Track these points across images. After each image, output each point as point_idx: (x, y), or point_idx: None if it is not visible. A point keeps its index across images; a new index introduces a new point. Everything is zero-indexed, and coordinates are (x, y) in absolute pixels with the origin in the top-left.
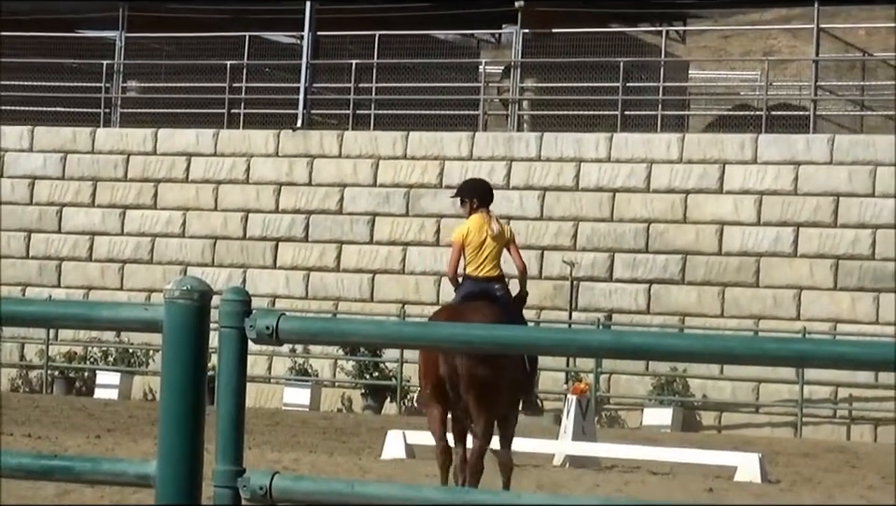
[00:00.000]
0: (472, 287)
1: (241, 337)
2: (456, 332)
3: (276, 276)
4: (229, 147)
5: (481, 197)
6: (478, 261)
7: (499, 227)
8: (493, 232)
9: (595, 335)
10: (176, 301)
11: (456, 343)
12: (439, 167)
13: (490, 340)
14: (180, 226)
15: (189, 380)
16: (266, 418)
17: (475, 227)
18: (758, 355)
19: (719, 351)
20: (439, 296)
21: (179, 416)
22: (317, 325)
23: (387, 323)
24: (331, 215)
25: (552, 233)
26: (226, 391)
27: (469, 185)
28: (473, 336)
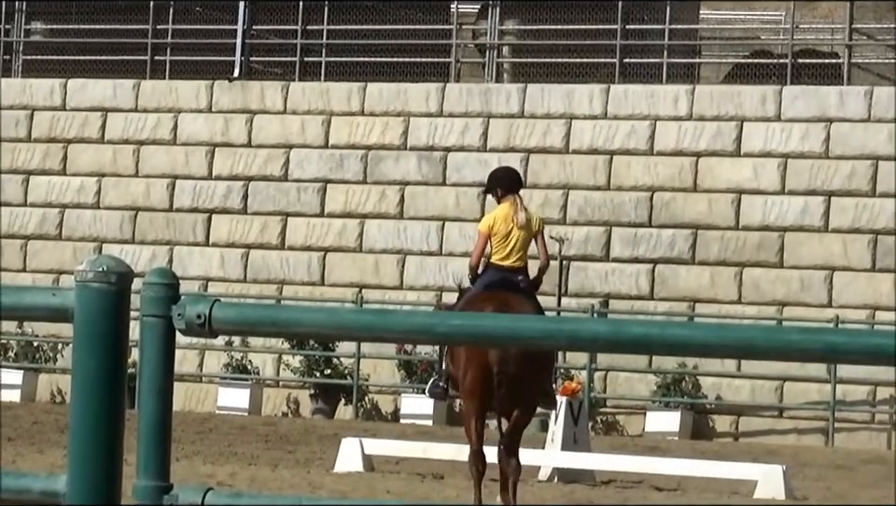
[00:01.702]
0: (494, 275)
1: (167, 328)
2: (417, 322)
3: (209, 255)
4: (152, 101)
5: (506, 185)
6: (504, 251)
7: (526, 216)
8: (520, 222)
9: (589, 325)
10: (90, 284)
11: (417, 334)
12: (402, 125)
13: (460, 331)
14: (94, 195)
15: (106, 379)
16: (197, 424)
17: (502, 216)
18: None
19: (735, 344)
20: (402, 278)
21: (93, 422)
22: (258, 313)
23: (341, 311)
24: (275, 182)
25: (536, 203)
26: (149, 392)
27: (493, 175)
28: (438, 326)
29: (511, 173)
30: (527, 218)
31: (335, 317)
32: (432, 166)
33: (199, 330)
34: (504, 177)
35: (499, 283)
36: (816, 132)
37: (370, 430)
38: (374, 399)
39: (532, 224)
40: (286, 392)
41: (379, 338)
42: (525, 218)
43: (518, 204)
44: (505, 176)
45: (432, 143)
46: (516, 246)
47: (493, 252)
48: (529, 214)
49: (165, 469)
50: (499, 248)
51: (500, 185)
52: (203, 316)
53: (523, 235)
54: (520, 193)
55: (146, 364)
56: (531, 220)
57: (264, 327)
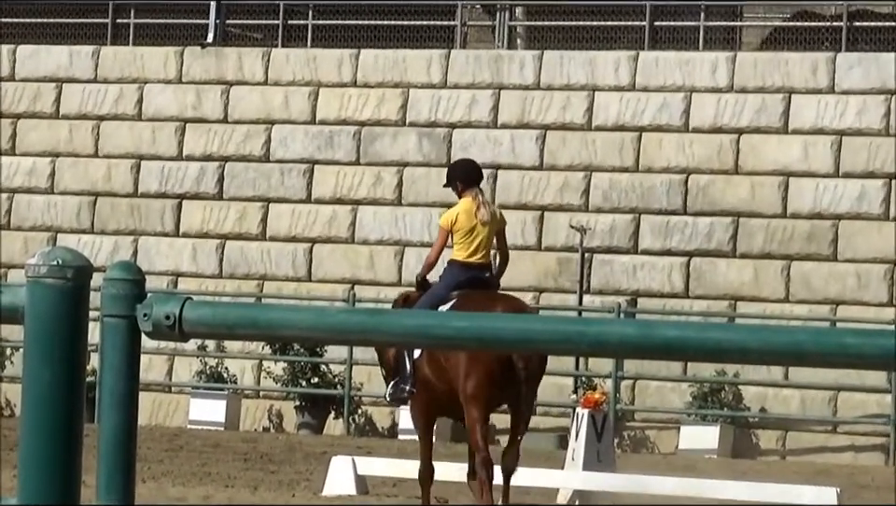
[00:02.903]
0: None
1: (131, 330)
2: (416, 324)
3: (179, 247)
4: (114, 70)
5: (467, 179)
6: (469, 248)
7: (489, 212)
8: (483, 219)
9: (614, 327)
10: (42, 280)
11: (417, 337)
12: (401, 98)
13: (465, 333)
14: (47, 178)
15: (61, 388)
16: (167, 440)
17: (464, 211)
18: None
19: (782, 348)
20: (400, 272)
21: (47, 438)
22: (236, 313)
23: (330, 310)
24: (254, 163)
25: (555, 188)
26: (110, 403)
27: (453, 168)
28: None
29: (471, 165)
30: (491, 214)
31: (324, 318)
32: (435, 145)
33: (168, 332)
34: (464, 171)
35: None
36: (874, 105)
37: (363, 448)
38: (368, 411)
39: (496, 219)
40: (267, 404)
41: (374, 342)
42: (489, 214)
43: (480, 199)
44: (465, 169)
45: (435, 118)
46: (481, 243)
47: (456, 249)
48: (493, 209)
49: (130, 491)
50: (463, 245)
51: (460, 178)
52: (172, 316)
53: (487, 232)
54: (481, 187)
55: (107, 371)
56: (495, 216)
57: (243, 329)
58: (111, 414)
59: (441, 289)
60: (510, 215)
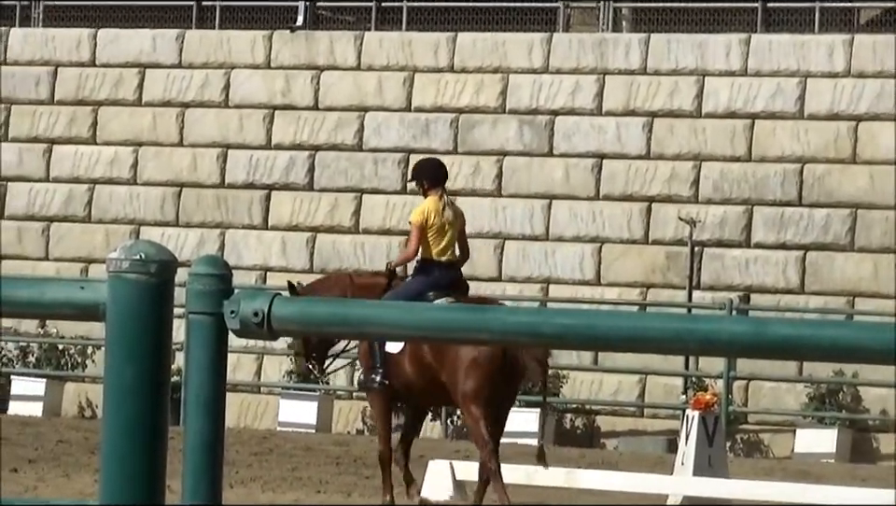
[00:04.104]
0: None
1: (217, 327)
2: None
3: (268, 240)
4: (199, 55)
5: (433, 179)
6: (440, 245)
7: (453, 211)
8: (449, 218)
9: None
10: (124, 275)
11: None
12: (500, 83)
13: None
14: (130, 168)
15: (144, 389)
16: (255, 443)
17: (434, 210)
18: None
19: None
20: (500, 268)
21: (130, 441)
22: (326, 310)
23: (426, 307)
24: (346, 152)
25: (662, 178)
26: (196, 404)
27: (420, 167)
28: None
29: (439, 165)
30: (455, 214)
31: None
32: (536, 133)
33: (256, 330)
34: (431, 170)
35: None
36: None
37: (462, 452)
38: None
39: (459, 219)
40: (361, 405)
41: (473, 340)
42: (454, 214)
43: (445, 199)
44: (432, 168)
45: (536, 105)
46: (450, 241)
47: (430, 246)
48: (455, 208)
49: (217, 497)
50: (436, 242)
51: (427, 177)
52: (261, 313)
53: (453, 230)
54: (445, 186)
55: (192, 371)
56: (458, 215)
57: (334, 326)
58: (197, 415)
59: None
60: (614, 206)
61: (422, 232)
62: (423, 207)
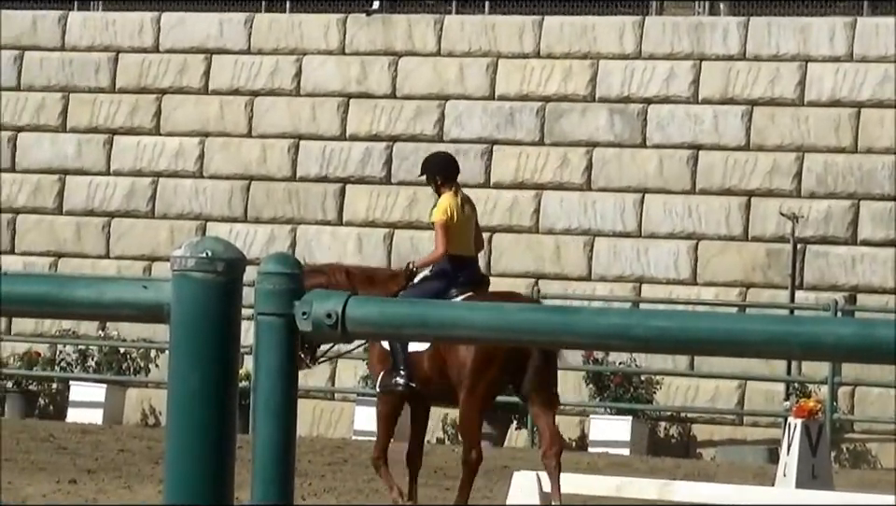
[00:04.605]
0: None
1: (288, 329)
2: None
3: (342, 237)
4: (269, 40)
5: (447, 174)
6: (461, 241)
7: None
8: (468, 213)
9: (830, 326)
10: (190, 274)
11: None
12: (590, 70)
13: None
14: (195, 161)
15: (211, 395)
16: (329, 453)
17: (453, 205)
18: None
19: None
20: (590, 265)
21: (196, 450)
22: (405, 311)
23: (511, 308)
24: (426, 143)
25: (763, 171)
26: (266, 411)
27: (431, 162)
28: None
29: (450, 160)
30: (471, 208)
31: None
32: (628, 123)
33: (329, 332)
34: (443, 165)
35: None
36: None
37: None
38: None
39: (475, 213)
40: (441, 412)
41: (561, 343)
42: (469, 209)
43: (461, 195)
44: (444, 163)
45: (628, 93)
46: (469, 236)
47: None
48: (471, 202)
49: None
50: (456, 238)
51: (441, 173)
52: (334, 314)
53: (471, 224)
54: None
55: (262, 376)
56: (474, 210)
57: (413, 329)
58: (267, 423)
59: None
60: (711, 201)
61: (447, 231)
62: (444, 205)
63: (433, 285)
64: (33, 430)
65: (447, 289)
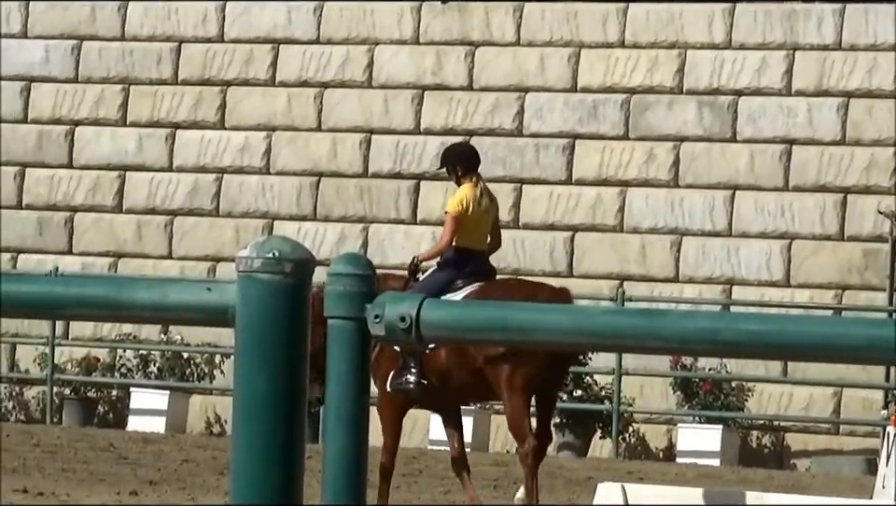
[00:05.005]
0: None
1: (360, 333)
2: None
3: (417, 236)
4: (339, 29)
5: (467, 164)
6: (476, 235)
7: (489, 200)
8: (486, 205)
9: None
10: (256, 275)
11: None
12: (677, 60)
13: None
14: (262, 156)
15: (279, 402)
16: (403, 463)
17: (471, 197)
18: None
19: None
20: (677, 266)
21: (263, 460)
22: (482, 314)
23: (594, 311)
24: (505, 137)
25: (859, 166)
26: (337, 419)
27: (451, 152)
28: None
29: (471, 150)
30: (491, 201)
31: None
32: (717, 116)
33: (403, 336)
34: (465, 156)
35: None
36: None
37: (635, 473)
38: (641, 430)
39: (495, 206)
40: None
41: (647, 348)
42: (488, 202)
43: (481, 186)
44: (465, 154)
45: (717, 84)
46: (486, 230)
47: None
48: (491, 195)
49: None
50: (472, 231)
51: (461, 164)
52: (408, 317)
53: (489, 218)
54: (479, 172)
55: (332, 382)
56: (494, 202)
57: (490, 332)
58: (338, 432)
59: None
60: (805, 198)
61: (458, 223)
62: (461, 196)
63: (438, 277)
64: (92, 439)
65: (453, 280)
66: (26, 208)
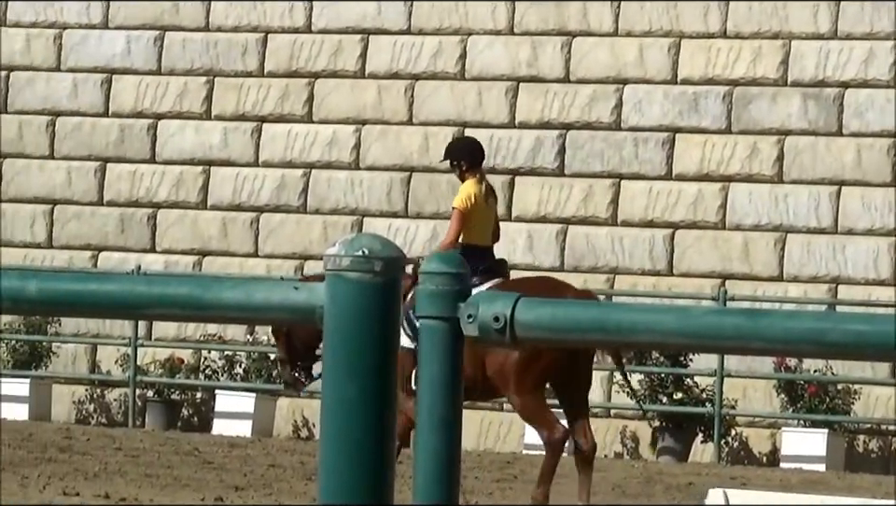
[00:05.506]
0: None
1: (453, 334)
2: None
3: (512, 233)
4: (431, 20)
5: (472, 159)
6: (482, 231)
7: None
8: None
9: None
10: (345, 274)
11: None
12: (781, 51)
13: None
14: (351, 151)
15: (369, 405)
16: (498, 468)
17: (477, 193)
18: None
19: None
20: (781, 265)
21: (353, 464)
22: (579, 314)
23: (696, 311)
24: (601, 131)
25: None
26: (429, 423)
27: (457, 145)
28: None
29: (477, 145)
30: (493, 197)
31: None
32: (823, 108)
33: (497, 336)
34: (469, 150)
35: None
36: None
37: (738, 478)
38: (744, 434)
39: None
40: (620, 424)
41: (750, 349)
42: (493, 199)
43: (486, 183)
44: (470, 149)
45: (822, 76)
46: (490, 225)
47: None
48: (493, 190)
49: None
50: (478, 227)
51: (466, 158)
52: (502, 318)
53: (492, 213)
54: (482, 168)
55: (424, 385)
56: (496, 198)
57: (587, 333)
58: (429, 436)
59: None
60: None
61: (465, 219)
62: (467, 192)
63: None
64: (176, 443)
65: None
66: (107, 205)
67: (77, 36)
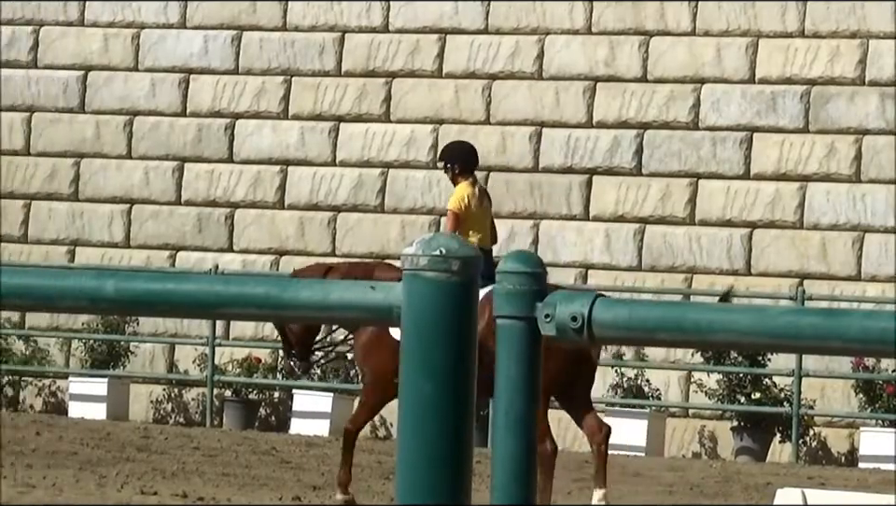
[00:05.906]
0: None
1: (530, 334)
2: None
3: (589, 233)
4: (508, 19)
5: (465, 163)
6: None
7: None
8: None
9: None
10: (422, 273)
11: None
12: (859, 50)
13: None
14: (429, 150)
15: (446, 405)
16: (575, 468)
17: (471, 196)
18: None
19: None
20: (860, 265)
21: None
22: (657, 314)
23: (774, 310)
24: (679, 130)
25: None
26: (506, 423)
27: (452, 149)
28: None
29: (470, 149)
30: (489, 202)
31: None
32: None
33: (574, 336)
34: (463, 154)
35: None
36: None
37: (816, 478)
38: (822, 434)
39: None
40: (698, 424)
41: (828, 349)
42: (488, 202)
43: (479, 186)
44: (464, 153)
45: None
46: (486, 228)
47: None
48: (487, 193)
49: None
50: (474, 230)
51: (460, 163)
52: (580, 317)
53: (487, 216)
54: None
55: (501, 384)
56: (490, 201)
57: (665, 333)
58: (507, 436)
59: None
60: None
61: (459, 220)
62: (461, 195)
63: None
64: (253, 443)
65: None
66: (185, 204)
67: (155, 36)
